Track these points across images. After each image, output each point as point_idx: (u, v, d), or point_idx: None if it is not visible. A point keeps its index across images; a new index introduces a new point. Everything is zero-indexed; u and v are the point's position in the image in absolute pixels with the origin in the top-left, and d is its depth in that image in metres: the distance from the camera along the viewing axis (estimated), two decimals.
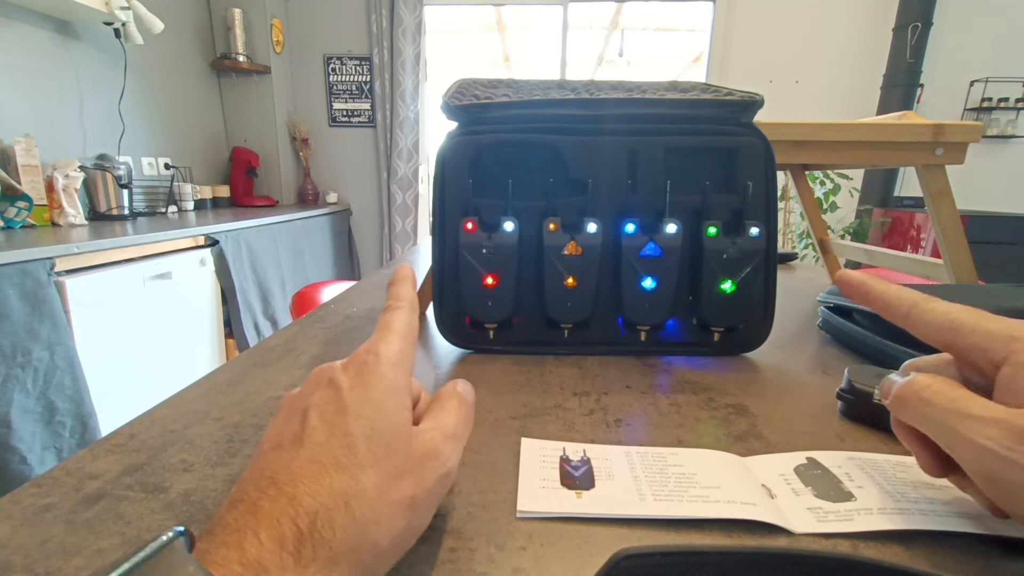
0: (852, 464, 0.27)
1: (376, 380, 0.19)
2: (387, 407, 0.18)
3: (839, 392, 0.35)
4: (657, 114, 0.44)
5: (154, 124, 2.34)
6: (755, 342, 0.46)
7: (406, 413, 0.19)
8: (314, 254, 2.62)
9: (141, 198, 2.18)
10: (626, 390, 0.38)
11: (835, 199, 2.82)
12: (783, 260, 1.03)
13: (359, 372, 0.19)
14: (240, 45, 2.65)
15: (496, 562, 0.21)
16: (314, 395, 0.19)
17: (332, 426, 0.17)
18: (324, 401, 0.18)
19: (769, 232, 0.43)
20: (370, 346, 0.20)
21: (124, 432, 0.31)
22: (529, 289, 0.45)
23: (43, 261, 1.17)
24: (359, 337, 0.50)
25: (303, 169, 3.07)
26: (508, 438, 0.31)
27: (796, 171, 0.90)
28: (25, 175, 1.59)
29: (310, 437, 0.17)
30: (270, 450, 0.17)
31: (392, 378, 0.19)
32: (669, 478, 0.26)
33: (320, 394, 0.19)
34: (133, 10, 1.91)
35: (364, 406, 0.18)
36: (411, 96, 2.96)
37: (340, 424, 0.17)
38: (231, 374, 0.40)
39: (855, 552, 0.21)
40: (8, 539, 0.22)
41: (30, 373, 1.14)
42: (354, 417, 0.18)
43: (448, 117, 0.45)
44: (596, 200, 0.44)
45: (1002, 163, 2.99)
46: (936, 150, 0.60)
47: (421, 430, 0.20)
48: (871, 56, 2.89)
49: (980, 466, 0.18)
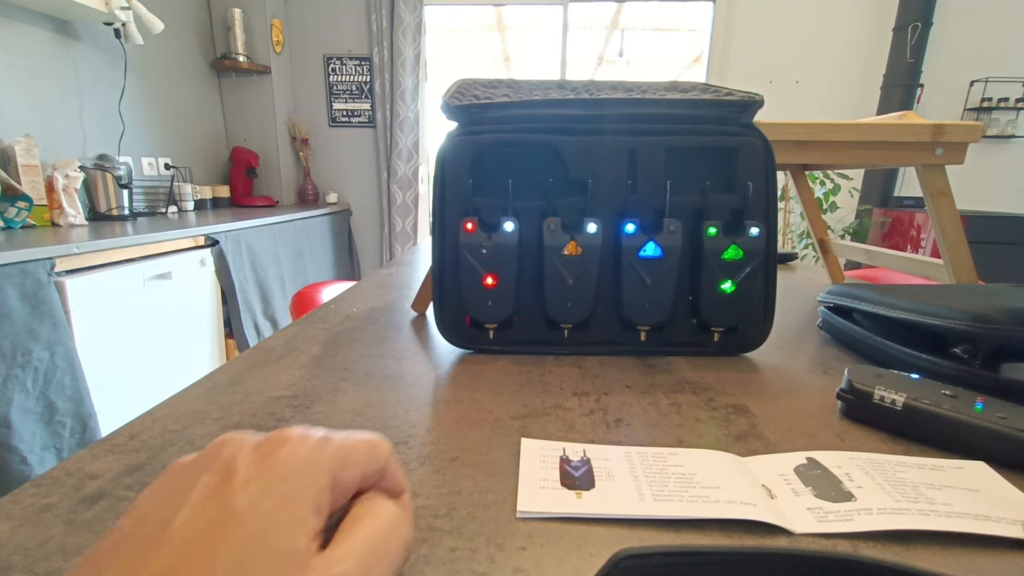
0: (852, 464, 0.27)
1: (278, 481, 0.15)
2: (278, 524, 0.14)
3: (839, 392, 0.35)
4: (657, 114, 0.44)
5: (154, 124, 2.34)
6: (755, 342, 0.46)
7: (300, 537, 0.14)
8: (314, 254, 2.62)
9: (141, 198, 2.18)
10: (626, 390, 0.38)
11: (835, 199, 2.82)
12: (783, 260, 1.03)
13: (264, 462, 0.15)
14: (240, 45, 2.65)
15: (496, 562, 0.21)
16: (200, 479, 0.15)
17: (197, 538, 0.13)
18: (205, 495, 0.14)
19: (769, 232, 0.43)
20: (303, 432, 0.16)
21: (124, 432, 0.31)
22: (529, 289, 0.45)
23: (43, 261, 1.17)
24: (359, 337, 0.50)
25: (303, 169, 3.07)
26: (508, 438, 0.31)
27: (796, 171, 0.90)
28: (25, 175, 1.59)
29: (168, 543, 0.13)
30: (121, 538, 0.14)
31: (302, 480, 0.15)
32: (669, 478, 0.26)
33: (205, 482, 0.14)
34: (133, 10, 1.91)
35: (248, 517, 0.14)
36: (411, 96, 2.96)
37: (207, 540, 0.13)
38: (231, 374, 0.40)
39: (855, 552, 0.21)
40: (8, 539, 0.22)
41: (30, 373, 1.14)
42: (230, 530, 0.13)
43: (448, 117, 0.45)
44: (596, 200, 0.44)
45: (1002, 163, 2.99)
46: (936, 150, 0.60)
47: (326, 562, 0.14)
48: (871, 56, 2.89)
49: None
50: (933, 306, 0.39)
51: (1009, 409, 0.29)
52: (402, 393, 0.37)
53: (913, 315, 0.40)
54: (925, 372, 0.38)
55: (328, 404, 0.35)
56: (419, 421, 0.33)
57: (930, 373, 0.38)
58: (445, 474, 0.27)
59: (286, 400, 0.36)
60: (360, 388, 0.38)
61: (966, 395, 0.31)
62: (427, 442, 0.30)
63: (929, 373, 0.37)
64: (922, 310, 0.40)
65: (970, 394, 0.31)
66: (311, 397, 0.36)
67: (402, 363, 0.43)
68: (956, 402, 0.30)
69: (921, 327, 0.40)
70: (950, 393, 0.31)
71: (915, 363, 0.40)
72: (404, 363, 0.43)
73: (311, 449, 0.16)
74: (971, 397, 0.31)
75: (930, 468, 0.27)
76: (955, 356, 0.39)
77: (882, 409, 0.32)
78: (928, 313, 0.39)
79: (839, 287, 0.52)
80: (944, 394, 0.31)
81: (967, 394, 0.31)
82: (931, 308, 0.39)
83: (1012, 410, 0.29)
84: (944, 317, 0.38)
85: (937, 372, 0.38)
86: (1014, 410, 0.29)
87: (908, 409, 0.31)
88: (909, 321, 0.41)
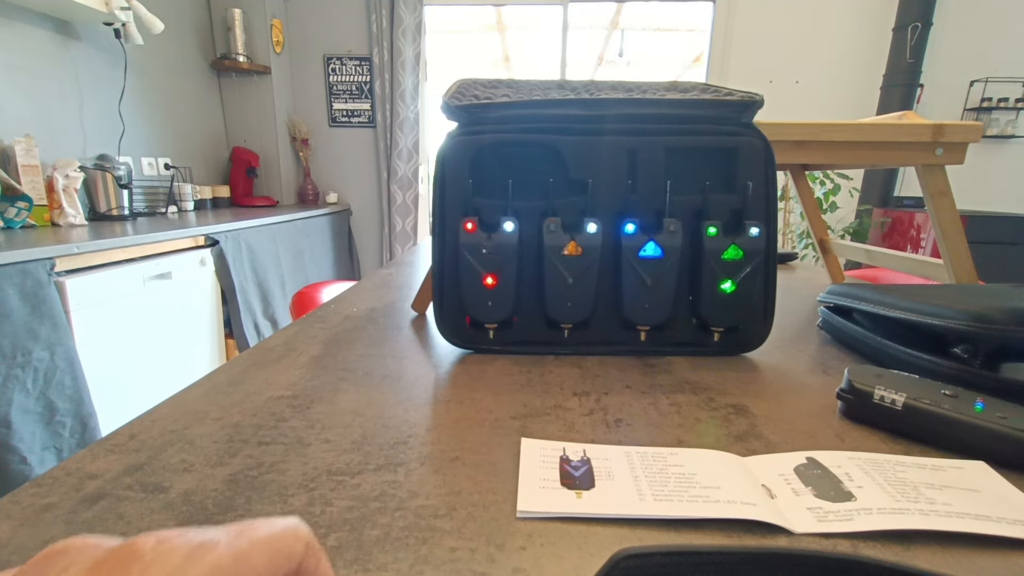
0: (852, 464, 0.27)
1: None
2: None
3: (839, 392, 0.35)
4: (657, 114, 0.44)
5: (154, 124, 2.34)
6: (755, 342, 0.46)
7: None
8: (314, 254, 2.62)
9: (141, 198, 2.18)
10: (626, 390, 0.38)
11: (835, 199, 2.82)
12: (783, 260, 1.03)
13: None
14: (240, 45, 2.65)
15: (496, 562, 0.21)
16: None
17: None
18: None
19: (769, 232, 0.43)
20: (168, 542, 0.10)
21: (124, 432, 0.31)
22: (529, 289, 0.45)
23: (43, 261, 1.17)
24: (359, 337, 0.50)
25: (303, 169, 3.07)
26: (508, 438, 0.31)
27: (796, 171, 0.90)
28: (25, 175, 1.59)
29: None
30: None
31: None
32: (669, 478, 0.26)
33: None
34: (133, 10, 1.91)
35: None
36: (411, 96, 2.96)
37: None
38: (231, 374, 0.40)
39: (855, 552, 0.21)
40: (8, 539, 0.22)
41: (30, 373, 1.14)
42: None
43: (448, 117, 0.45)
44: (596, 200, 0.44)
45: (1002, 163, 2.98)
46: (936, 150, 0.60)
47: None
48: (871, 56, 2.89)
49: None
50: (933, 306, 0.39)
51: (1009, 409, 0.29)
52: (402, 393, 0.37)
53: (913, 315, 0.40)
54: (925, 372, 0.38)
55: (328, 404, 0.35)
56: (419, 421, 0.33)
57: (930, 373, 0.38)
58: (445, 474, 0.27)
59: (286, 400, 0.36)
60: (360, 388, 0.38)
61: (966, 395, 0.31)
62: (427, 442, 0.30)
63: (929, 373, 0.37)
64: (922, 310, 0.40)
65: (970, 394, 0.31)
66: (311, 397, 0.36)
67: (402, 363, 0.43)
68: (956, 402, 0.30)
69: (921, 327, 0.40)
70: (950, 393, 0.31)
71: (915, 363, 0.40)
72: (404, 363, 0.43)
73: (172, 571, 0.10)
74: (971, 397, 0.31)
75: (930, 468, 0.27)
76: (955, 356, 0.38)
77: (882, 409, 0.32)
78: (928, 313, 0.39)
79: (839, 287, 0.52)
80: (944, 394, 0.31)
81: (967, 394, 0.31)
82: (931, 308, 0.39)
83: (1012, 410, 0.29)
84: (944, 317, 0.38)
85: (937, 372, 0.38)
86: (1014, 410, 0.29)
87: (908, 409, 0.31)
88: (909, 321, 0.41)
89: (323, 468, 0.27)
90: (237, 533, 0.11)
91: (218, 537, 0.11)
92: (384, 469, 0.27)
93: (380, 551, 0.21)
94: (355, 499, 0.25)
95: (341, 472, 0.27)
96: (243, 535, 0.11)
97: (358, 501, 0.25)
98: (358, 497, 0.25)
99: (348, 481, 0.26)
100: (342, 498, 0.25)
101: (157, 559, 0.10)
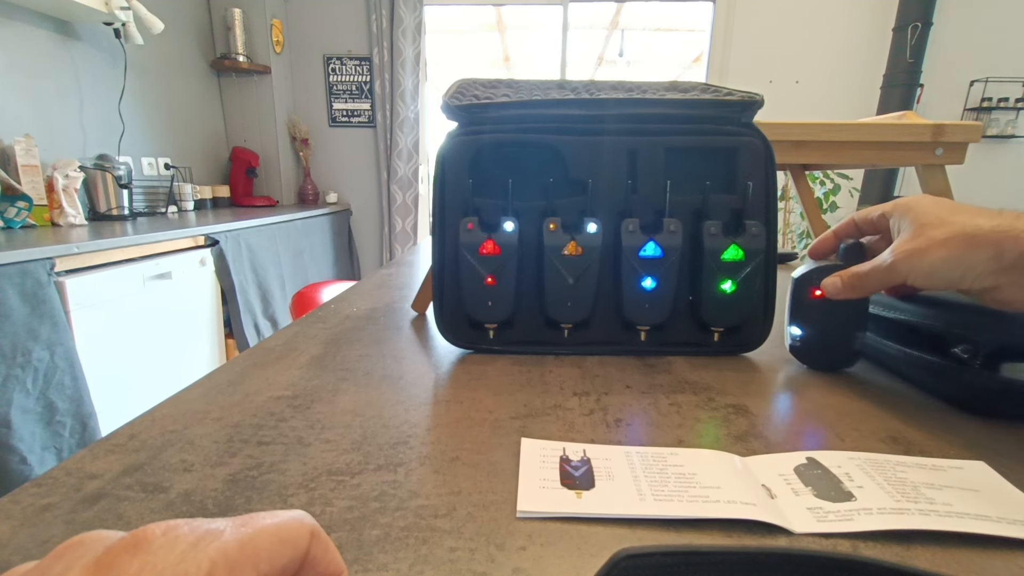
0: (852, 464, 0.27)
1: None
2: None
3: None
4: (657, 114, 0.44)
5: (154, 124, 2.34)
6: (755, 342, 0.46)
7: None
8: (314, 254, 2.62)
9: (141, 198, 2.18)
10: (626, 390, 0.38)
11: (835, 199, 2.82)
12: (783, 260, 1.03)
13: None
14: (240, 45, 2.65)
15: (496, 562, 0.21)
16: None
17: None
18: None
19: (769, 232, 0.43)
20: (176, 530, 0.11)
21: (124, 432, 0.31)
22: (529, 289, 0.45)
23: (43, 261, 1.17)
24: (359, 337, 0.50)
25: (303, 169, 3.07)
26: (508, 438, 0.31)
27: (796, 171, 0.90)
28: (25, 175, 1.59)
29: None
30: None
31: None
32: (669, 478, 0.26)
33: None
34: (133, 10, 1.91)
35: None
36: (411, 96, 2.96)
37: None
38: (231, 374, 0.40)
39: (855, 552, 0.21)
40: (8, 539, 0.22)
41: (30, 373, 1.13)
42: None
43: (448, 117, 0.45)
44: (596, 200, 0.44)
45: (1002, 163, 2.98)
46: (936, 150, 0.60)
47: None
48: (871, 56, 2.89)
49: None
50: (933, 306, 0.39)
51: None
52: (402, 393, 0.37)
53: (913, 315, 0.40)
54: (925, 372, 0.38)
55: (328, 404, 0.35)
56: (419, 421, 0.33)
57: (930, 373, 0.38)
58: (445, 474, 0.27)
59: (286, 400, 0.36)
60: (360, 388, 0.38)
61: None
62: (427, 442, 0.30)
63: (929, 373, 0.37)
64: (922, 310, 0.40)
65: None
66: (311, 397, 0.36)
67: (402, 363, 0.43)
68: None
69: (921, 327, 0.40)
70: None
71: (915, 363, 0.40)
72: (404, 363, 0.43)
73: (179, 558, 0.10)
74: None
75: (930, 468, 0.27)
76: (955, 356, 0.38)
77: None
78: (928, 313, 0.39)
79: None
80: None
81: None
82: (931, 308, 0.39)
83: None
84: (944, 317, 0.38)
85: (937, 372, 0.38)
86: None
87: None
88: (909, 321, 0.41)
89: (323, 468, 0.27)
90: (243, 522, 0.12)
91: (224, 526, 0.12)
92: (384, 469, 0.27)
93: (380, 551, 0.21)
94: (355, 499, 0.25)
95: (341, 472, 0.27)
96: (248, 524, 0.12)
97: (358, 501, 0.25)
98: (358, 497, 0.25)
99: (348, 481, 0.26)
100: (342, 498, 0.25)
101: (165, 546, 0.11)
